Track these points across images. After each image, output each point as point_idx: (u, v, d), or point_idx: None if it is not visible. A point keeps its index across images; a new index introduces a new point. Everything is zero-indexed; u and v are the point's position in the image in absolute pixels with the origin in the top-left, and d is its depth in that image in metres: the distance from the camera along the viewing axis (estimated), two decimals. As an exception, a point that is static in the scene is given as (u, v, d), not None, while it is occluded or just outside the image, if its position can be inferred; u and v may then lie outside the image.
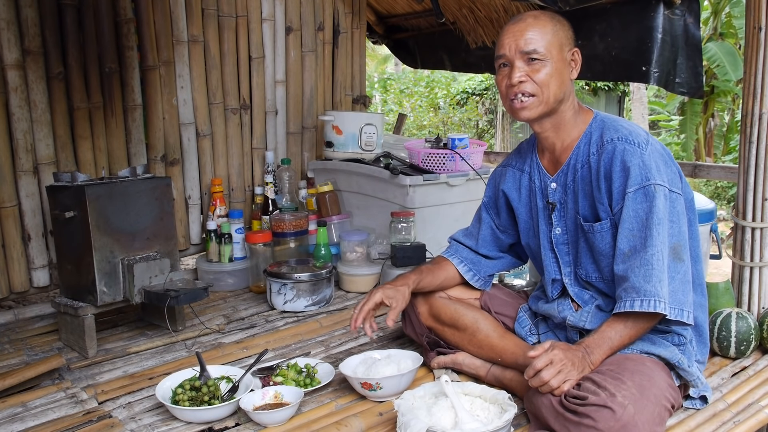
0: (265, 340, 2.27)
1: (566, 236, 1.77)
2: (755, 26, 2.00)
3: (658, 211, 1.55)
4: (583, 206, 1.69)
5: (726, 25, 9.21)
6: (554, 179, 1.76)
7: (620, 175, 1.60)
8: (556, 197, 1.76)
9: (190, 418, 1.68)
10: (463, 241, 2.03)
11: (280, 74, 3.30)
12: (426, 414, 1.54)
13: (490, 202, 1.99)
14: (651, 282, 1.53)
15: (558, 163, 1.75)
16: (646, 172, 1.57)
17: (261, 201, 3.15)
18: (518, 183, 1.87)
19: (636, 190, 1.57)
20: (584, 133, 1.70)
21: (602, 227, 1.65)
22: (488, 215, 1.99)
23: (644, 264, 1.55)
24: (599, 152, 1.65)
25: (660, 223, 1.55)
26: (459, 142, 2.91)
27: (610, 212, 1.64)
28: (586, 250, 1.72)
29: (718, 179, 6.59)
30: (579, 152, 1.70)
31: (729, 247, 4.93)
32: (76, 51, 2.63)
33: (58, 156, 2.64)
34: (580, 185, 1.69)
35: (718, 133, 10.36)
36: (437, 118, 11.55)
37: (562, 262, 1.78)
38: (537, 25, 1.63)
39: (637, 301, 1.54)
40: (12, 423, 1.72)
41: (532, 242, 1.88)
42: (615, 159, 1.60)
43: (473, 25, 3.41)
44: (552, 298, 1.81)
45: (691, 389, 1.67)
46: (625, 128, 1.64)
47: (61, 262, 2.30)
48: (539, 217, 1.81)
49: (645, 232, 1.56)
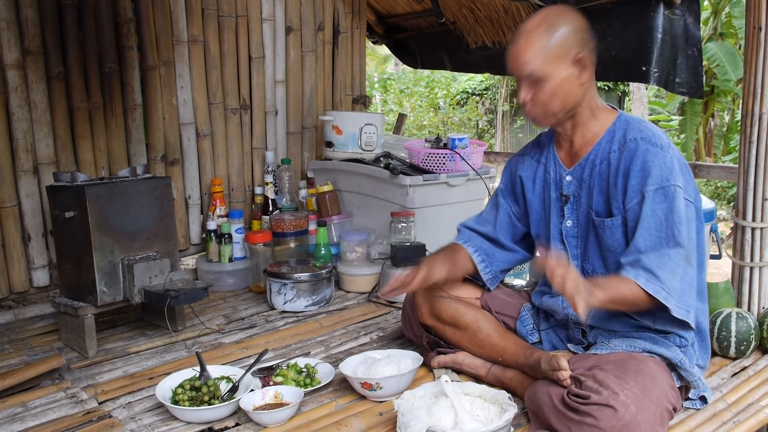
0: (265, 340, 2.27)
1: (576, 229, 1.77)
2: (755, 26, 2.00)
3: (679, 210, 1.56)
4: (597, 201, 1.70)
5: (726, 25, 9.20)
6: (570, 172, 1.76)
7: (638, 174, 1.60)
8: (570, 190, 1.76)
9: (190, 418, 1.68)
10: (477, 227, 1.97)
11: (280, 74, 3.30)
12: (426, 414, 1.54)
13: (507, 189, 1.96)
14: (663, 270, 1.53)
15: (576, 156, 1.75)
16: (668, 173, 1.57)
17: (261, 201, 3.15)
18: (533, 174, 1.87)
19: (656, 189, 1.57)
20: (607, 130, 1.70)
21: (613, 223, 1.66)
22: (506, 201, 1.96)
23: (662, 255, 1.55)
24: (621, 150, 1.65)
25: (681, 222, 1.55)
26: (459, 142, 2.91)
27: (623, 209, 1.64)
28: (594, 245, 1.72)
29: (718, 179, 6.59)
30: (600, 148, 1.70)
31: (729, 247, 4.93)
32: (76, 51, 2.63)
33: (58, 156, 2.64)
34: (596, 180, 1.70)
35: (718, 133, 10.35)
36: (437, 118, 11.56)
37: (570, 255, 1.78)
38: (529, 45, 1.60)
39: (651, 285, 1.53)
40: (12, 423, 1.72)
41: (542, 233, 1.87)
42: (636, 158, 1.61)
43: (473, 25, 3.41)
44: (556, 293, 1.81)
45: (692, 390, 1.67)
46: (649, 129, 1.65)
47: (61, 262, 2.30)
48: (551, 208, 1.81)
49: (666, 232, 1.56)
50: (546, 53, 1.59)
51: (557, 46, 1.60)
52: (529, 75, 1.62)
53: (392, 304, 2.61)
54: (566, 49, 1.60)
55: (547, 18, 1.63)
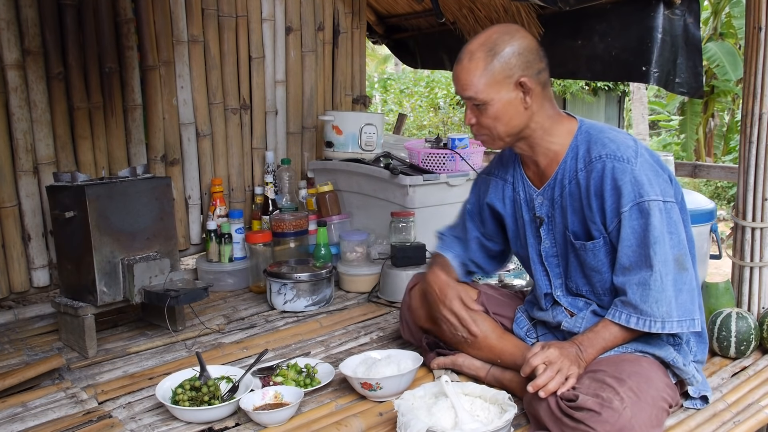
0: (265, 340, 2.27)
1: (556, 249, 1.75)
2: (755, 26, 2.00)
3: (654, 228, 1.54)
4: (573, 222, 1.68)
5: (726, 25, 9.21)
6: (540, 193, 1.73)
7: (612, 194, 1.58)
8: (543, 211, 1.74)
9: (190, 418, 1.68)
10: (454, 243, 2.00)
11: (280, 74, 3.30)
12: (426, 414, 1.54)
13: (473, 210, 1.96)
14: (647, 303, 1.54)
15: (544, 176, 1.72)
16: (639, 188, 1.55)
17: (261, 201, 3.15)
18: (502, 193, 1.85)
19: (630, 207, 1.56)
20: (570, 146, 1.66)
21: (595, 246, 1.64)
22: (473, 224, 1.96)
23: (642, 283, 1.55)
24: (587, 169, 1.62)
25: (656, 242, 1.54)
26: (459, 142, 2.91)
27: (604, 231, 1.62)
28: (576, 265, 1.71)
29: (718, 179, 6.59)
30: (566, 167, 1.67)
31: (729, 247, 4.93)
32: (76, 51, 2.62)
33: (58, 156, 2.64)
34: (568, 201, 1.67)
35: (718, 133, 10.36)
36: (437, 118, 11.56)
37: (552, 275, 1.77)
38: (470, 68, 1.59)
39: (633, 318, 1.56)
40: (12, 423, 1.72)
41: (521, 251, 1.87)
42: (605, 177, 1.58)
43: (473, 25, 3.41)
44: (545, 309, 1.81)
45: (692, 389, 1.67)
46: (612, 142, 1.61)
47: (61, 262, 2.30)
48: (527, 230, 1.79)
49: (644, 251, 1.55)
50: (486, 77, 1.57)
51: (498, 70, 1.57)
52: (470, 98, 1.61)
53: (392, 304, 2.61)
54: (507, 73, 1.57)
55: (491, 38, 1.60)
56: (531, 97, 1.60)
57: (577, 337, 1.62)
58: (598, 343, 1.59)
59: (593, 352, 1.58)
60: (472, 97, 1.60)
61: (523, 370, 1.56)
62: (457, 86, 1.64)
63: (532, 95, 1.60)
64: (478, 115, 1.63)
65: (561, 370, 1.50)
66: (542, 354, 1.53)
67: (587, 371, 1.55)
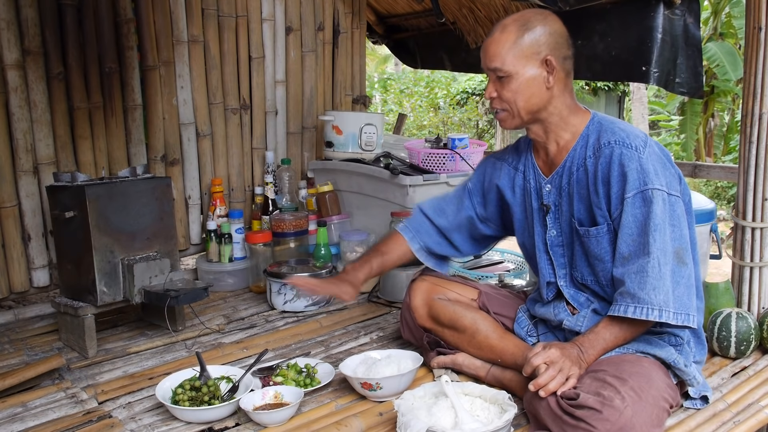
0: (265, 340, 2.27)
1: (561, 238, 1.76)
2: (755, 26, 2.00)
3: (655, 216, 1.54)
4: (579, 209, 1.68)
5: (726, 25, 9.21)
6: (549, 181, 1.74)
7: (618, 180, 1.58)
8: (550, 199, 1.75)
9: (190, 418, 1.68)
10: (433, 218, 1.99)
11: (280, 74, 3.30)
12: (426, 414, 1.54)
13: (476, 190, 1.96)
14: (645, 290, 1.53)
15: (553, 164, 1.74)
16: (644, 176, 1.56)
17: (261, 201, 3.15)
18: (512, 181, 1.86)
19: (634, 194, 1.56)
20: (581, 135, 1.68)
21: (598, 232, 1.64)
22: (471, 203, 1.96)
23: (639, 271, 1.55)
24: (596, 155, 1.63)
25: (657, 229, 1.54)
26: (459, 142, 2.91)
27: (609, 217, 1.62)
28: (581, 254, 1.71)
29: (718, 179, 6.59)
30: (575, 155, 1.68)
31: (729, 247, 4.93)
32: (76, 51, 2.62)
33: (58, 156, 2.64)
34: (575, 188, 1.68)
35: (718, 133, 10.36)
36: (437, 118, 11.56)
37: (556, 264, 1.78)
38: (502, 39, 1.60)
39: (631, 307, 1.55)
40: (12, 423, 1.72)
41: (527, 242, 1.87)
42: (613, 163, 1.59)
43: (473, 25, 3.41)
44: (547, 300, 1.81)
45: (691, 389, 1.67)
46: (622, 131, 1.62)
47: (61, 262, 2.30)
48: (534, 218, 1.80)
49: (643, 239, 1.55)
50: (515, 50, 1.59)
51: (527, 44, 1.59)
52: (495, 69, 1.62)
53: (392, 304, 2.62)
54: (536, 49, 1.60)
55: (525, 16, 1.63)
56: (554, 78, 1.62)
57: (578, 339, 1.62)
58: (599, 344, 1.59)
59: (594, 354, 1.59)
60: (497, 68, 1.61)
61: (524, 369, 1.56)
62: (484, 58, 1.65)
63: (556, 77, 1.62)
64: (500, 88, 1.64)
65: (562, 370, 1.50)
66: (544, 354, 1.53)
67: (588, 371, 1.55)
